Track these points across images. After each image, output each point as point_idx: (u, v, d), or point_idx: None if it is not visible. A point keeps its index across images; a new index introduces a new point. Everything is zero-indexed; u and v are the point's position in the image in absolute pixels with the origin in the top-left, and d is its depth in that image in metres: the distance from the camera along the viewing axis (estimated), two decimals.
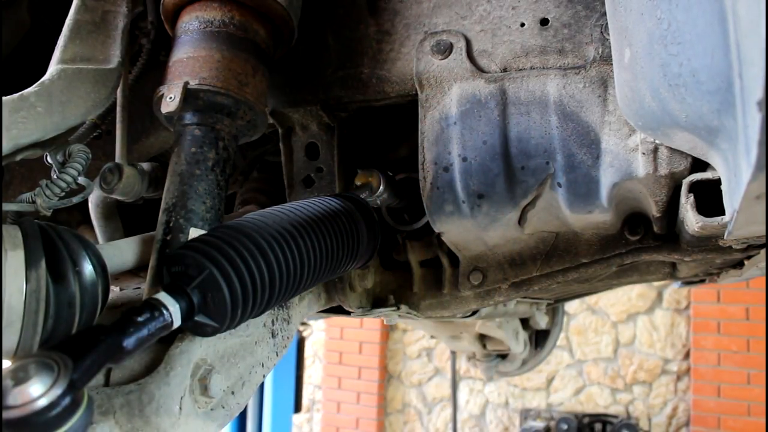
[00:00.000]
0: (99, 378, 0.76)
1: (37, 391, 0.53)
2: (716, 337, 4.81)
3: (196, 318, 0.75)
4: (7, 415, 0.52)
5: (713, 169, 0.83)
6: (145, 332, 0.67)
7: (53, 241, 0.73)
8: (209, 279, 0.75)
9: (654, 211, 0.96)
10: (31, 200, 0.85)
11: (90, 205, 1.34)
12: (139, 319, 0.67)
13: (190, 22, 0.96)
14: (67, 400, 0.54)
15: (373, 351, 5.99)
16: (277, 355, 1.00)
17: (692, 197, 0.85)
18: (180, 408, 0.77)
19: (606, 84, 0.94)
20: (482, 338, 2.80)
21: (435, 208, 1.07)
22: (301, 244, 0.86)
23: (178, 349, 0.79)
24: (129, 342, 0.65)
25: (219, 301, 0.75)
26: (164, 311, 0.70)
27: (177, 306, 0.71)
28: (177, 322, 0.72)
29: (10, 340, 0.67)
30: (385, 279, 1.34)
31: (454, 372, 5.71)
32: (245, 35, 0.97)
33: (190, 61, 0.93)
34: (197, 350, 0.81)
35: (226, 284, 0.75)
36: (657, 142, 0.89)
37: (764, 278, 1.94)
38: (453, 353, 5.55)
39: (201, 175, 0.90)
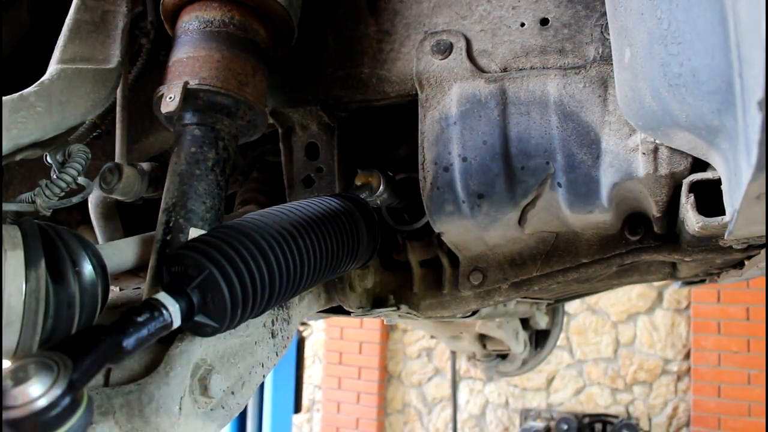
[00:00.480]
0: (99, 378, 0.76)
1: (37, 392, 0.53)
2: (716, 338, 4.81)
3: (196, 318, 0.75)
4: (6, 415, 0.52)
5: (713, 169, 0.83)
6: (144, 332, 0.66)
7: (53, 241, 0.73)
8: (209, 279, 0.75)
9: (654, 211, 0.96)
10: (30, 200, 0.85)
11: (90, 205, 1.33)
12: (139, 319, 0.67)
13: (190, 22, 0.96)
14: (66, 401, 0.54)
15: (373, 351, 5.99)
16: (277, 355, 1.00)
17: (692, 197, 0.85)
18: (180, 408, 0.77)
19: (606, 84, 0.94)
20: (482, 338, 2.80)
21: (435, 208, 1.06)
22: (301, 244, 0.86)
23: (177, 349, 0.79)
24: (129, 342, 0.64)
25: (219, 301, 0.75)
26: (164, 311, 0.70)
27: (177, 306, 0.71)
28: (177, 323, 0.72)
29: (10, 340, 0.67)
30: (385, 279, 1.34)
31: (454, 372, 5.71)
32: (245, 35, 0.97)
33: (190, 60, 0.93)
34: (197, 350, 0.81)
35: (226, 284, 0.75)
36: (657, 142, 0.89)
37: (764, 278, 1.94)
38: (453, 353, 5.55)
39: (201, 175, 0.90)
